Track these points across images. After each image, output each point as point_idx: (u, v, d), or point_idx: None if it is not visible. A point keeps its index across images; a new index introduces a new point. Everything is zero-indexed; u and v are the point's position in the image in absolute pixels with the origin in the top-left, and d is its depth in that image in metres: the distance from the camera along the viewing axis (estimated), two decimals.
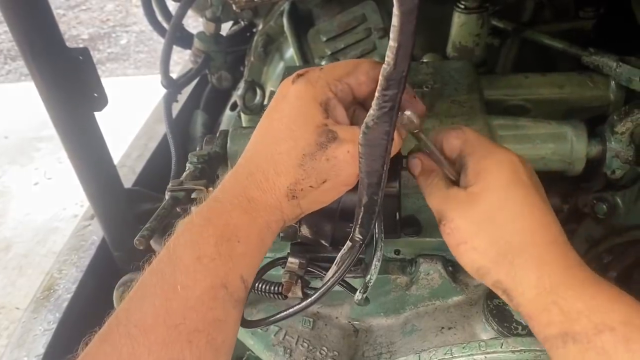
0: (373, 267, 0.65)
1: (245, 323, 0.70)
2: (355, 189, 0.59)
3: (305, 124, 0.56)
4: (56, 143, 3.28)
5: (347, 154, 0.55)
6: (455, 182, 0.64)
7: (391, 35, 0.44)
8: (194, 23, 2.50)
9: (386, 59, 0.46)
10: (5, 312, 2.44)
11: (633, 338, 0.49)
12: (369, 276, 0.66)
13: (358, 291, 0.67)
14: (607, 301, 0.52)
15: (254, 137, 0.61)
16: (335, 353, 0.78)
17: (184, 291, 0.50)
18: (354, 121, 0.61)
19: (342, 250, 0.62)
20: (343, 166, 0.55)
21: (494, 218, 0.57)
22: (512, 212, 0.57)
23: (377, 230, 0.64)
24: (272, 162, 0.56)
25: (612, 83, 1.06)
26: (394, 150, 0.56)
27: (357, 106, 0.63)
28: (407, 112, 0.56)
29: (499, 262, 0.57)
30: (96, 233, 1.36)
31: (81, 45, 1.05)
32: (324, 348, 0.78)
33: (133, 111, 2.69)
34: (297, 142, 0.56)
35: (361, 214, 0.58)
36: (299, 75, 0.59)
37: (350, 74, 0.60)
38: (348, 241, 0.60)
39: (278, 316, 0.65)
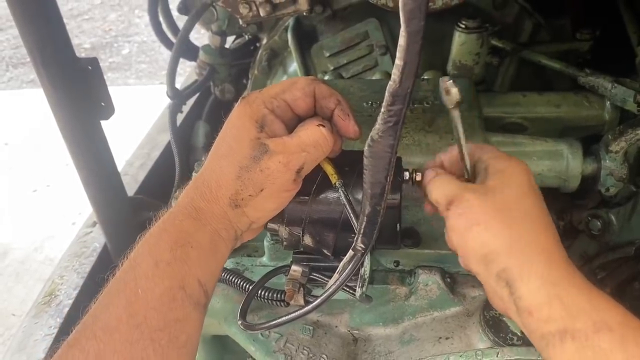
0: (366, 260, 0.66)
1: (248, 326, 0.72)
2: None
3: (241, 140, 0.62)
4: (56, 150, 3.29)
5: (279, 164, 0.61)
6: (469, 181, 0.66)
7: (397, 54, 0.47)
8: (195, 34, 2.54)
9: (392, 76, 0.48)
10: (1, 319, 2.43)
11: (629, 339, 0.50)
12: (362, 269, 0.67)
13: (357, 287, 0.68)
14: (605, 301, 0.54)
15: (208, 156, 0.66)
16: None
17: (144, 294, 0.54)
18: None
19: (344, 259, 0.64)
20: (277, 175, 0.61)
21: (510, 209, 0.60)
22: (525, 210, 0.60)
23: (354, 224, 0.65)
24: (214, 176, 0.62)
25: (607, 103, 1.10)
26: (327, 148, 0.63)
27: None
28: None
29: (510, 247, 0.58)
30: (98, 240, 1.37)
31: (83, 55, 1.07)
32: (324, 356, 0.79)
33: (134, 121, 2.72)
34: (234, 157, 0.62)
35: (364, 223, 0.60)
36: (242, 98, 0.66)
37: (285, 91, 0.65)
38: (350, 250, 0.62)
39: (280, 320, 0.67)
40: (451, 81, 0.60)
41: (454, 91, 0.60)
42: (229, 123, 0.65)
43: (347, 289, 0.70)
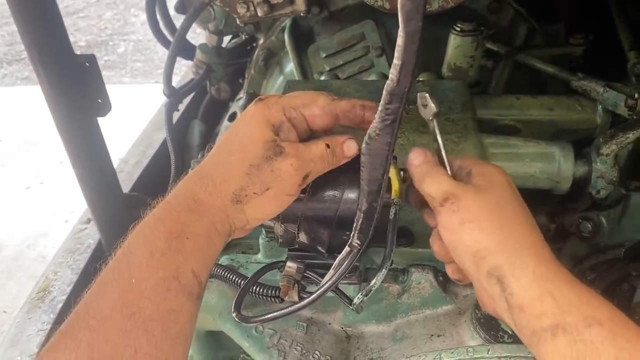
0: (381, 273, 0.67)
1: (243, 319, 0.73)
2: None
3: (256, 139, 0.63)
4: (49, 148, 3.28)
5: (291, 167, 0.62)
6: None
7: (396, 53, 0.48)
8: (191, 34, 2.54)
9: (390, 75, 0.49)
10: None
11: (619, 333, 0.51)
12: (374, 281, 0.68)
13: (360, 293, 0.69)
14: (593, 297, 0.54)
15: (212, 150, 0.67)
16: (328, 357, 0.80)
17: (138, 283, 0.54)
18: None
19: (341, 255, 0.65)
20: (286, 177, 0.62)
21: (502, 209, 0.61)
22: (515, 209, 0.62)
23: (389, 239, 0.67)
24: (221, 169, 0.63)
25: (599, 107, 1.11)
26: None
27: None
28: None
29: (501, 244, 0.58)
30: (92, 237, 1.38)
31: (78, 53, 1.07)
32: (317, 352, 0.80)
33: (128, 119, 2.72)
34: (246, 154, 0.63)
35: (360, 220, 0.61)
36: (260, 99, 0.66)
37: (305, 105, 0.66)
38: (347, 246, 0.63)
39: (275, 314, 0.67)
40: (427, 95, 0.64)
41: (431, 105, 0.64)
42: (243, 121, 0.66)
43: (340, 293, 0.71)
